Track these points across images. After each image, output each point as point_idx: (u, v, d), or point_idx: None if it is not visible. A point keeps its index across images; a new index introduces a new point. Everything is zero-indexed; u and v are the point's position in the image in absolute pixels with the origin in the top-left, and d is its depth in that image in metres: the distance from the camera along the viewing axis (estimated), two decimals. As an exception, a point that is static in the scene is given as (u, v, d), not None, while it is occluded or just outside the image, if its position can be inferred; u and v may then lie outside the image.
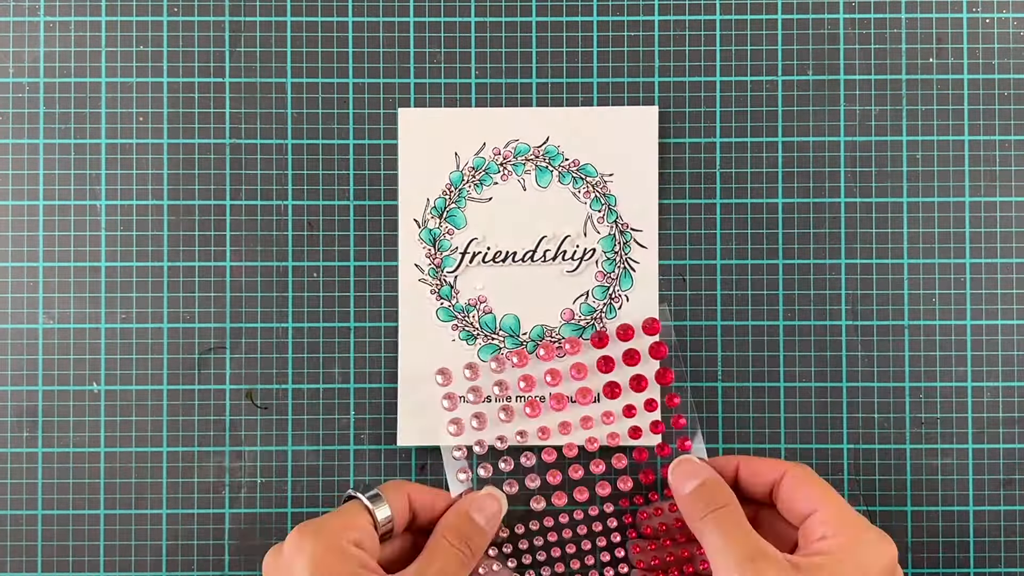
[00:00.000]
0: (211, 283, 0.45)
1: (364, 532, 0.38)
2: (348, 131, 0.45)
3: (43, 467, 0.44)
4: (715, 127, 0.45)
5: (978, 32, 0.45)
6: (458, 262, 0.44)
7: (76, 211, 0.45)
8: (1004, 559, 0.44)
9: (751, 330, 0.44)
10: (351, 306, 0.44)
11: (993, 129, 0.45)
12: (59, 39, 0.45)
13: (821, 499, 0.38)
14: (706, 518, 0.38)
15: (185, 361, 0.44)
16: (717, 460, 0.42)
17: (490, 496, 0.42)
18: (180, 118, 0.45)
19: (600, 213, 0.44)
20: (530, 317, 0.44)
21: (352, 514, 0.39)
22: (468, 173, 0.44)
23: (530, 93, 0.45)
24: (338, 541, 0.37)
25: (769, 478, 0.40)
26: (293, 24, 0.45)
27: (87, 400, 0.44)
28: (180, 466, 0.44)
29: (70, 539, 0.44)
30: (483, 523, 0.41)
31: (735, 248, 0.45)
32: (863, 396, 0.44)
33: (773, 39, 0.45)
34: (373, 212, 0.45)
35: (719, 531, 0.38)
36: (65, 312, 0.44)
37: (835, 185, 0.45)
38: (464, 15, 0.45)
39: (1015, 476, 0.44)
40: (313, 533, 0.37)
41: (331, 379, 0.44)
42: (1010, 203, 0.45)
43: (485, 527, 0.41)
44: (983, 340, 0.44)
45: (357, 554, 0.37)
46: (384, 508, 0.39)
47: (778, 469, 0.40)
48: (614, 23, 0.45)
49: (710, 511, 0.38)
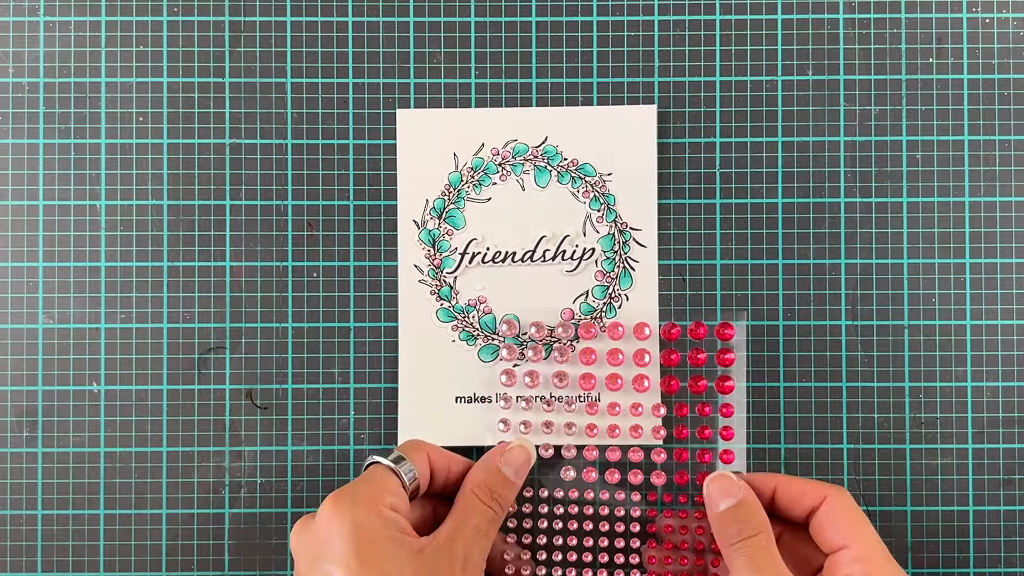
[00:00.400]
0: (211, 283, 0.45)
1: (397, 496, 0.38)
2: (348, 131, 0.45)
3: (43, 467, 0.44)
4: (715, 127, 0.45)
5: (978, 32, 0.45)
6: (457, 263, 0.44)
7: (76, 211, 0.45)
8: (1004, 559, 0.44)
9: (751, 330, 0.44)
10: (351, 306, 0.45)
11: (993, 129, 0.45)
12: (59, 39, 0.45)
13: (854, 535, 0.38)
14: (737, 545, 0.38)
15: (185, 361, 0.44)
16: (754, 477, 0.41)
17: (519, 448, 0.41)
18: (180, 118, 0.45)
19: (599, 213, 0.44)
20: (530, 317, 0.44)
21: (382, 478, 0.38)
22: (467, 174, 0.44)
23: (529, 93, 0.45)
24: (376, 506, 0.36)
25: (807, 504, 0.40)
26: (293, 24, 0.45)
27: (87, 400, 0.44)
28: (180, 466, 0.44)
29: (70, 539, 0.44)
30: (512, 476, 0.40)
31: (735, 248, 0.45)
32: (863, 396, 0.44)
33: (773, 39, 0.45)
34: (373, 212, 0.45)
35: (750, 563, 0.37)
36: (65, 312, 0.44)
37: (835, 185, 0.45)
38: (464, 15, 0.45)
39: (1015, 476, 0.44)
40: (350, 500, 0.37)
41: (331, 379, 0.44)
42: (1010, 203, 0.45)
43: (514, 479, 0.40)
44: (983, 340, 0.44)
45: (395, 518, 0.37)
46: (410, 470, 0.39)
47: (817, 495, 0.39)
48: (614, 23, 0.45)
49: (741, 539, 0.38)
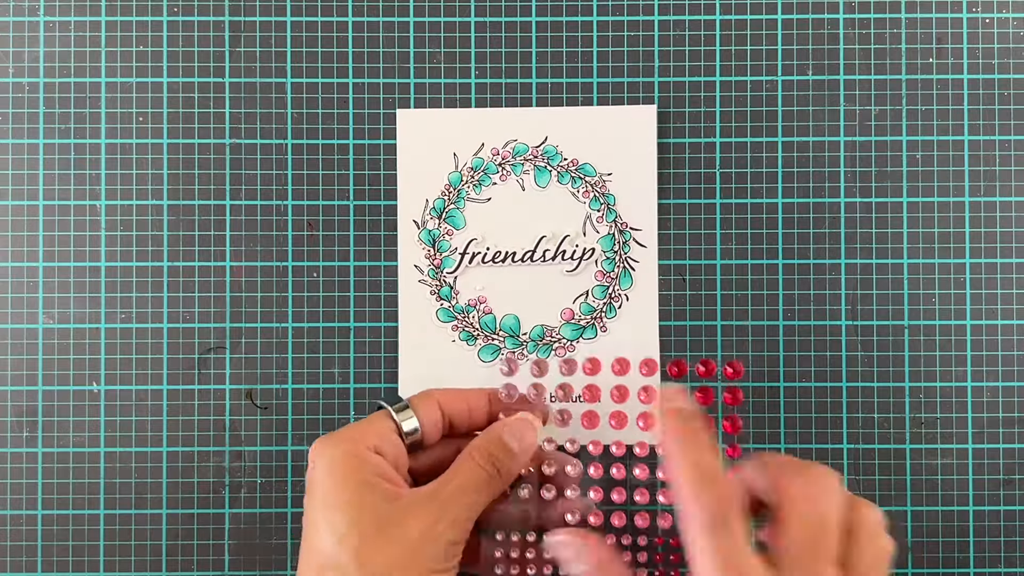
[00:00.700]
0: (211, 283, 0.45)
1: (386, 439, 0.37)
2: (348, 131, 0.45)
3: (43, 467, 0.44)
4: (715, 127, 0.45)
5: (978, 32, 0.45)
6: (457, 263, 0.44)
7: (76, 211, 0.45)
8: (1004, 559, 0.44)
9: (751, 330, 0.44)
10: (351, 306, 0.45)
11: (993, 129, 0.45)
12: (59, 39, 0.45)
13: None
14: None
15: (185, 361, 0.44)
16: None
17: (524, 421, 0.39)
18: (180, 118, 0.45)
19: (599, 212, 0.44)
20: (530, 317, 0.44)
21: (375, 422, 0.38)
22: (467, 174, 0.44)
23: (530, 93, 0.45)
24: (356, 447, 0.36)
25: None
26: (293, 24, 0.45)
27: (87, 400, 0.44)
28: (180, 466, 0.44)
29: (70, 539, 0.44)
30: (515, 446, 0.38)
31: (735, 248, 0.45)
32: (863, 396, 0.44)
33: (773, 39, 0.45)
34: (373, 212, 0.45)
35: None
36: (65, 312, 0.44)
37: (835, 185, 0.45)
38: (464, 15, 0.45)
39: (1015, 476, 0.44)
40: (333, 439, 0.37)
41: (331, 379, 0.44)
42: (1010, 203, 0.45)
43: (516, 450, 0.38)
44: (983, 340, 0.44)
45: (375, 460, 0.36)
46: (411, 418, 0.38)
47: None
48: (614, 23, 0.45)
49: None
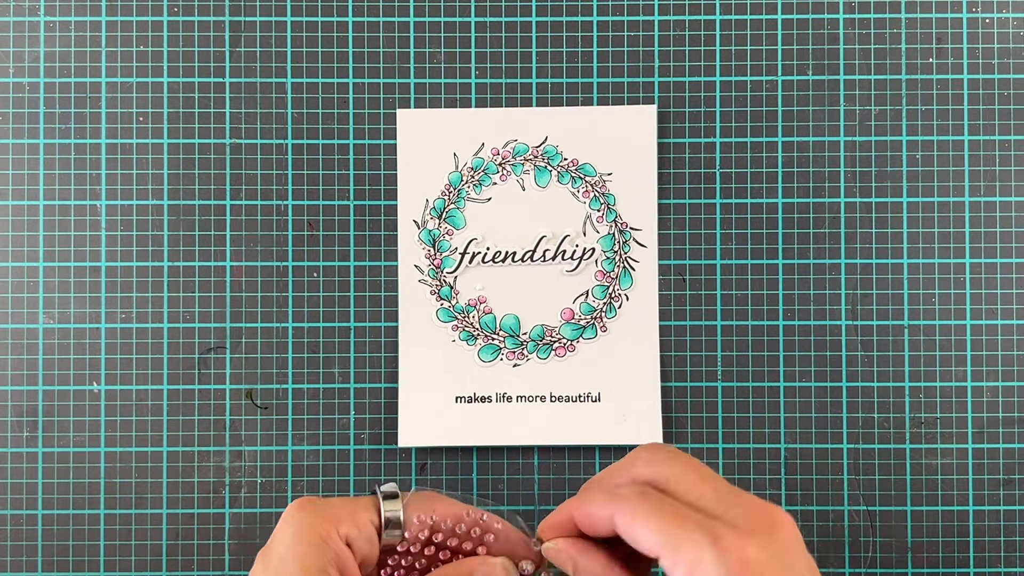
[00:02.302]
0: (211, 283, 0.45)
1: (360, 530, 0.35)
2: (348, 131, 0.45)
3: (43, 467, 0.44)
4: (715, 127, 0.45)
5: (978, 32, 0.45)
6: (457, 262, 0.44)
7: (76, 211, 0.45)
8: (1004, 559, 0.44)
9: (751, 330, 0.44)
10: (351, 306, 0.45)
11: (993, 129, 0.45)
12: (59, 39, 0.45)
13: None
14: None
15: (185, 361, 0.44)
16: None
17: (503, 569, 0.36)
18: (180, 118, 0.45)
19: (599, 212, 0.44)
20: (530, 317, 0.44)
21: (358, 507, 0.36)
22: (467, 174, 0.44)
23: (530, 93, 0.45)
24: (328, 530, 0.34)
25: None
26: (293, 24, 0.45)
27: (87, 400, 0.44)
28: (180, 466, 0.44)
29: (70, 539, 0.44)
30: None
31: (735, 248, 0.45)
32: (863, 396, 0.44)
33: (773, 39, 0.45)
34: (373, 212, 0.45)
35: None
36: (65, 312, 0.44)
37: (835, 185, 0.45)
38: (464, 15, 0.45)
39: (1015, 476, 0.44)
40: (310, 510, 0.35)
41: (331, 379, 0.44)
42: (1010, 203, 0.45)
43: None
44: (983, 340, 0.44)
45: (339, 551, 0.34)
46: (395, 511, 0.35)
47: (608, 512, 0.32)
48: (614, 23, 0.45)
49: None
